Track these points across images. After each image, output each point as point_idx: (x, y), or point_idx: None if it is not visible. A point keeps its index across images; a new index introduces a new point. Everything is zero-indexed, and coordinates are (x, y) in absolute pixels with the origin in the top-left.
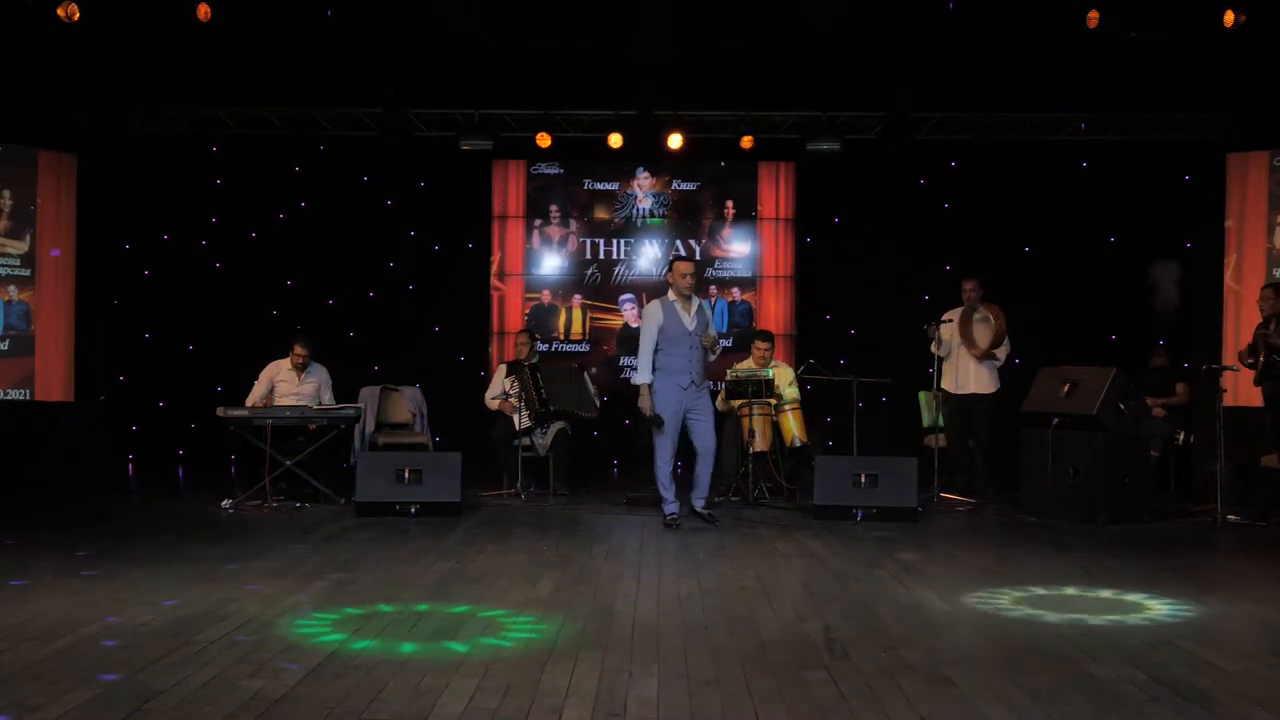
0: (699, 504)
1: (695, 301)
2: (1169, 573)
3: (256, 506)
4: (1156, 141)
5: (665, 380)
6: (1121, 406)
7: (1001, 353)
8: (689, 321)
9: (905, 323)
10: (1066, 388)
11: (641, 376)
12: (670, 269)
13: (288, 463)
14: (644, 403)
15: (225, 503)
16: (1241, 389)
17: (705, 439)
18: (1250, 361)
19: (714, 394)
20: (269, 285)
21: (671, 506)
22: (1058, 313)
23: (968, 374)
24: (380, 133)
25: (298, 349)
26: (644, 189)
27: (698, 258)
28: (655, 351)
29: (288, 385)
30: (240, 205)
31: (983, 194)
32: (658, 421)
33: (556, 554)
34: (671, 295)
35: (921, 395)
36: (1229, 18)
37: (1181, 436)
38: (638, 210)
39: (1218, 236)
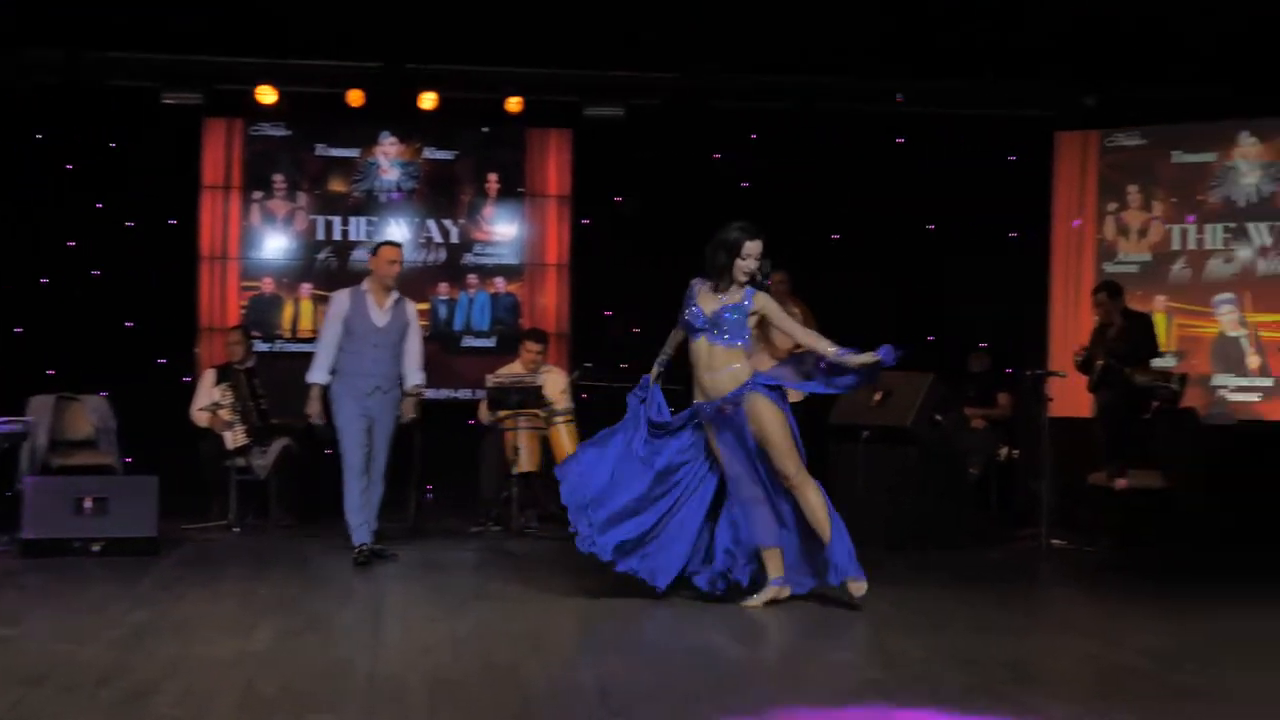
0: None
1: (394, 297)
2: (989, 606)
3: None
4: (980, 116)
5: (344, 384)
6: (938, 418)
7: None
8: (380, 318)
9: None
10: (878, 396)
11: (315, 376)
12: (375, 253)
13: None
14: (314, 408)
15: None
16: (1067, 397)
17: (377, 458)
18: (1081, 360)
19: (470, 404)
20: None
21: (361, 535)
22: (870, 310)
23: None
24: (59, 79)
25: None
26: (389, 157)
27: (454, 240)
28: (339, 348)
29: None
30: None
31: (787, 172)
32: (325, 432)
33: (278, 598)
34: (368, 285)
35: None
36: None
37: (1004, 451)
38: (381, 182)
39: (1045, 226)
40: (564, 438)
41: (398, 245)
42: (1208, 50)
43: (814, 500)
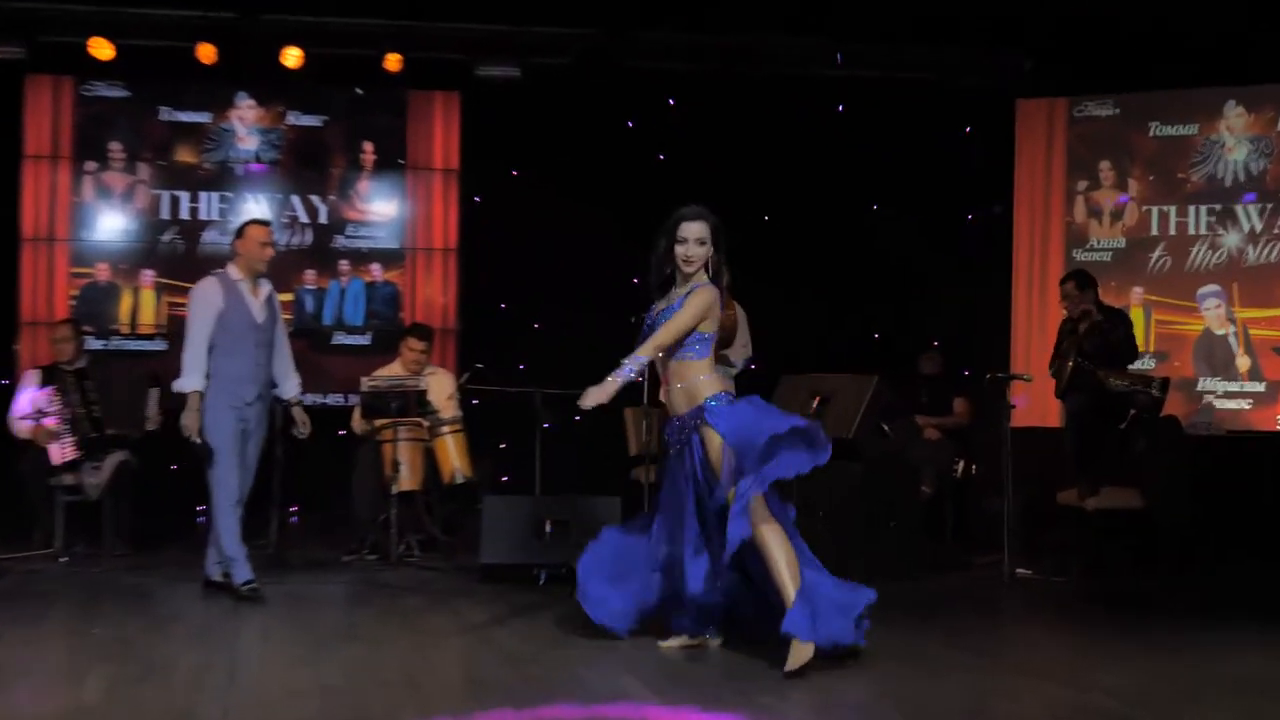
0: (214, 571)
1: (267, 287)
2: (940, 646)
3: None
4: (930, 82)
5: (220, 392)
6: (885, 427)
7: (736, 355)
8: (259, 311)
9: (608, 316)
10: (815, 402)
11: (189, 382)
12: (241, 234)
13: None
14: (189, 421)
15: None
16: (1035, 404)
17: (246, 477)
18: (1055, 369)
19: (342, 411)
20: None
21: (243, 570)
22: (805, 303)
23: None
24: None
25: None
26: (246, 123)
27: (323, 220)
28: (210, 349)
29: None
30: None
31: (710, 144)
32: (206, 452)
33: (113, 639)
34: (237, 271)
35: (628, 413)
36: None
37: (960, 466)
38: (237, 152)
39: (1006, 206)
40: (451, 450)
41: (268, 224)
42: (1189, 9)
43: (775, 552)
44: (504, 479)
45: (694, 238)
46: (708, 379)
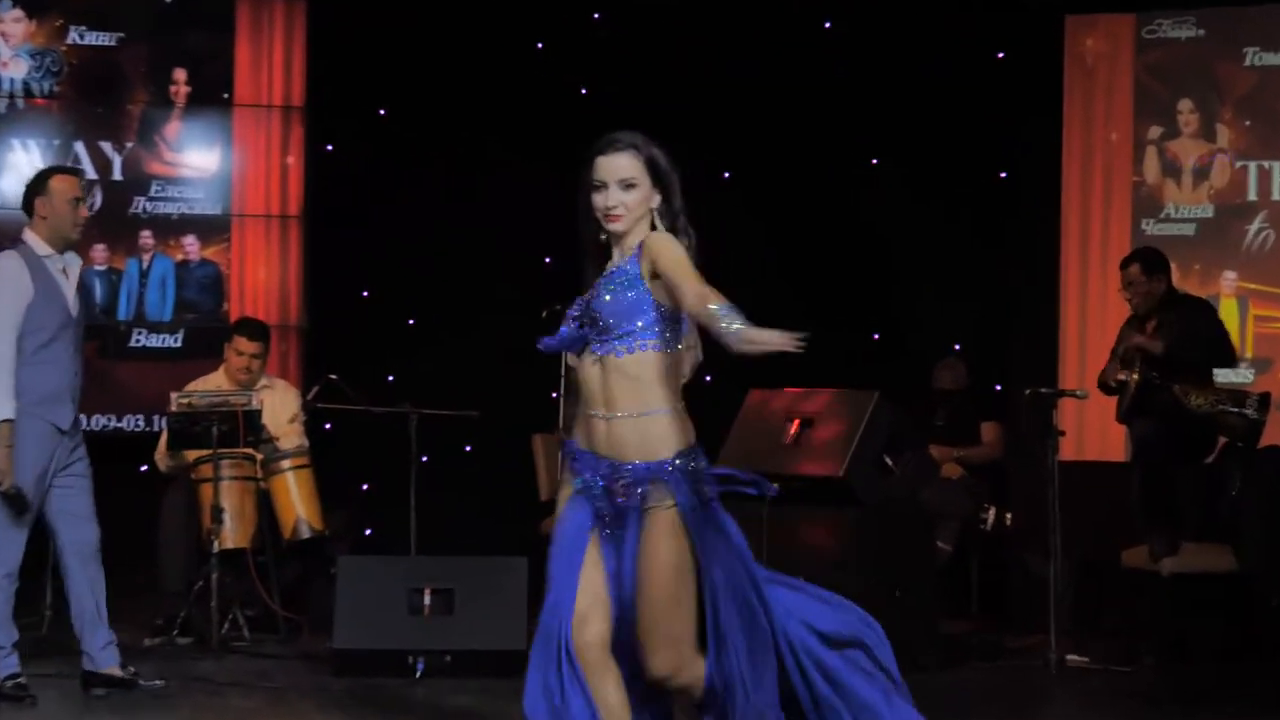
0: (108, 659)
1: (76, 265)
2: None
3: None
4: None
5: (36, 415)
6: (889, 461)
7: (684, 362)
8: (71, 299)
9: (511, 308)
10: (794, 428)
11: (3, 407)
12: (41, 189)
13: None
14: (4, 464)
15: None
16: (1090, 430)
17: (86, 530)
18: (1117, 382)
19: (142, 439)
20: None
21: (10, 661)
22: (780, 289)
23: None
24: None
25: None
26: (13, 42)
27: (117, 176)
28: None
29: None
30: None
31: (652, 74)
32: (22, 503)
33: None
34: (40, 245)
35: (537, 441)
36: None
37: (990, 515)
38: (1, 82)
39: (1050, 161)
40: (294, 493)
41: (78, 172)
42: None
43: None
44: (366, 532)
45: (617, 179)
46: (670, 412)
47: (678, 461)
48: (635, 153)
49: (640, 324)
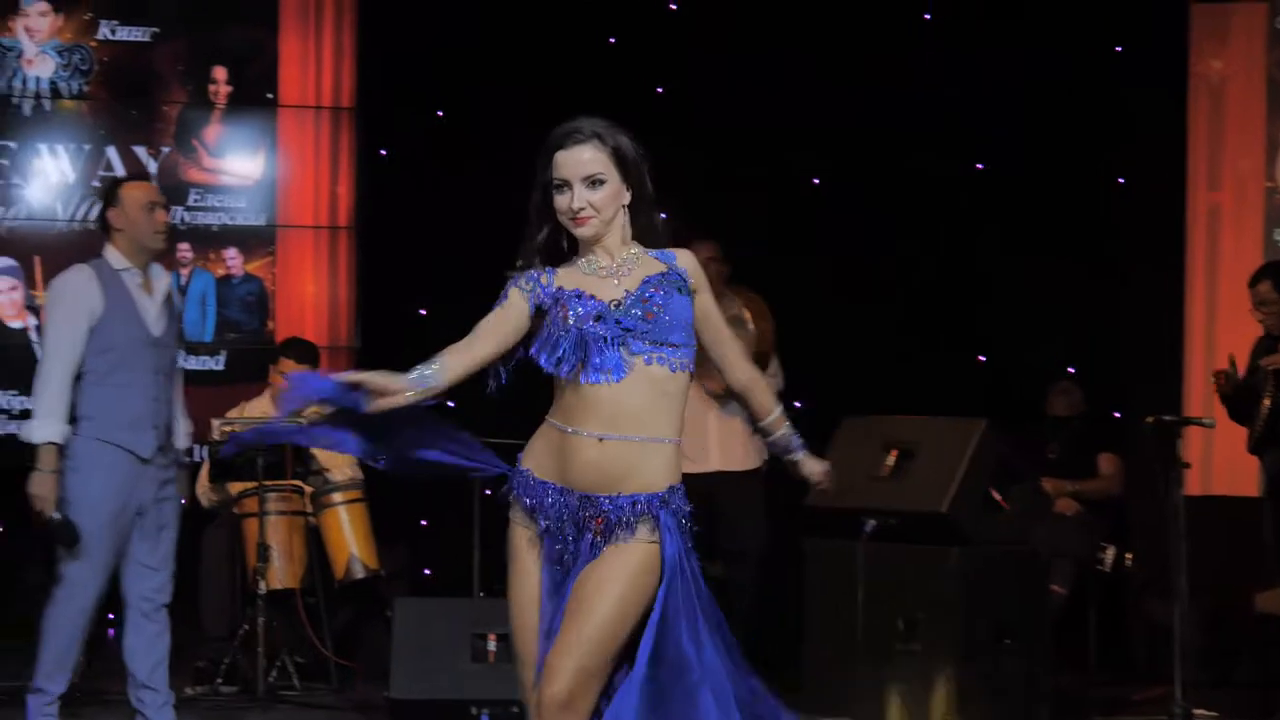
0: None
1: (163, 280)
2: None
3: None
4: None
5: (98, 443)
6: (997, 496)
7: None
8: (154, 317)
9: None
10: (891, 459)
11: (45, 429)
12: (114, 199)
13: None
14: (43, 488)
15: None
16: (1220, 462)
17: (151, 580)
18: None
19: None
20: None
21: (58, 689)
22: (872, 309)
23: (701, 431)
24: None
25: None
26: (39, 38)
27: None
28: (78, 378)
29: None
30: None
31: (729, 72)
32: (70, 534)
33: None
34: (118, 258)
35: None
36: None
37: (1110, 555)
38: (27, 81)
39: (1175, 166)
40: (347, 530)
41: (148, 178)
42: None
43: None
44: (425, 572)
45: (581, 176)
46: (676, 444)
47: (671, 500)
48: (599, 143)
49: (686, 336)
